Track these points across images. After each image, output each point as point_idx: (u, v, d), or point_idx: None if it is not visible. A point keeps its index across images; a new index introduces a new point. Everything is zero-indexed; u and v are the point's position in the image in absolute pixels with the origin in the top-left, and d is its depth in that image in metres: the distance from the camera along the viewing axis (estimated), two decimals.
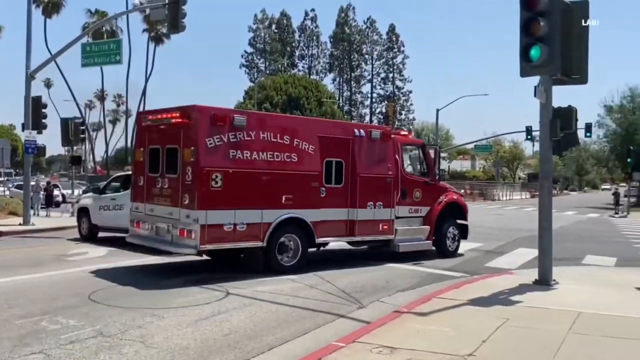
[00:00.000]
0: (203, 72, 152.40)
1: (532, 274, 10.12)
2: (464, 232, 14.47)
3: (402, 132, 15.31)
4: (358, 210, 12.13)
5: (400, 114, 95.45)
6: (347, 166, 12.08)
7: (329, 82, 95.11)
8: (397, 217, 12.98)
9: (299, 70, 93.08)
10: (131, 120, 73.94)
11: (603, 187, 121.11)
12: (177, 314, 7.76)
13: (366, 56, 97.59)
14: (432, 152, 14.51)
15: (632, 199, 50.06)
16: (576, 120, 10.41)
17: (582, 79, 9.82)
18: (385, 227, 12.68)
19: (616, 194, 43.28)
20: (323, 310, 8.13)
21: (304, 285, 9.92)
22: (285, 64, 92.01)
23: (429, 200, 13.87)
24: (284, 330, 7.13)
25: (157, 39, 68.03)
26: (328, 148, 11.78)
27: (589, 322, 7.26)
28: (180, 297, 8.83)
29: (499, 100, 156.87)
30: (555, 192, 78.83)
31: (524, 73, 9.36)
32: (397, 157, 13.16)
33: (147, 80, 69.37)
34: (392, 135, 13.22)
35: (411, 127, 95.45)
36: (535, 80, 9.90)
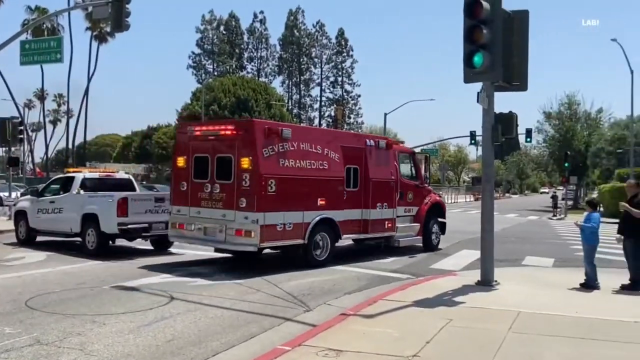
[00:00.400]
0: (149, 72, 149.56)
1: (475, 275, 10.37)
2: (443, 229, 16.65)
3: (396, 142, 17.02)
4: (370, 210, 13.73)
5: (349, 117, 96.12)
6: (361, 172, 13.66)
7: (278, 84, 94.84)
8: (397, 216, 14.60)
9: (247, 72, 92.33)
10: (72, 121, 71.87)
11: (542, 190, 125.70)
12: (118, 320, 7.55)
13: (315, 60, 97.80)
14: (419, 159, 16.72)
15: (569, 202, 52.10)
16: (517, 125, 10.71)
17: (522, 86, 10.14)
18: (389, 225, 14.35)
19: (554, 197, 44.91)
20: (269, 314, 8.08)
21: (250, 289, 9.84)
22: (234, 66, 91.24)
23: (418, 201, 15.75)
24: (229, 335, 7.04)
25: (101, 38, 66.31)
26: (348, 156, 13.33)
27: (528, 322, 7.49)
28: (122, 302, 8.60)
29: (444, 105, 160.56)
30: (497, 195, 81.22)
31: (468, 79, 9.60)
32: (395, 163, 14.90)
33: (89, 80, 67.55)
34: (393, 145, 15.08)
35: (360, 130, 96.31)
36: (478, 86, 10.16)
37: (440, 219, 16.45)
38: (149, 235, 14.11)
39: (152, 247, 14.79)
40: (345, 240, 14.09)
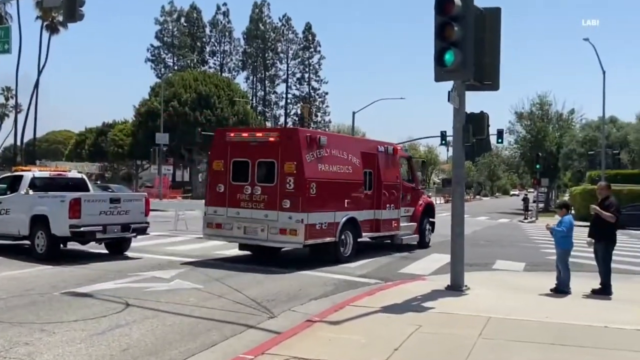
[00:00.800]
0: (104, 65, 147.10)
1: (445, 280, 10.50)
2: (432, 228, 18.88)
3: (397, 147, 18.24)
4: (382, 211, 15.48)
5: (316, 115, 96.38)
6: (374, 176, 15.42)
7: (241, 80, 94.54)
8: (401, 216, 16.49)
9: (209, 67, 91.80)
10: (21, 116, 70.11)
11: (512, 192, 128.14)
12: (69, 328, 7.40)
13: (281, 55, 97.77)
14: (415, 163, 18.88)
15: (540, 205, 53.19)
16: (488, 126, 10.89)
17: (494, 86, 10.32)
18: (395, 224, 16.21)
19: (525, 200, 45.77)
20: (231, 321, 8.03)
21: (211, 295, 9.77)
22: (195, 60, 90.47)
23: (414, 202, 17.68)
24: (189, 343, 6.97)
25: (52, 28, 65.01)
26: (365, 161, 15.02)
27: (498, 327, 7.62)
28: (73, 309, 8.43)
29: (415, 104, 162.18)
30: (468, 197, 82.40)
31: (438, 77, 9.70)
32: (399, 167, 16.85)
33: (40, 72, 66.16)
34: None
35: (327, 129, 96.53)
36: (449, 85, 10.31)
37: (430, 219, 18.55)
38: (104, 238, 13.88)
39: (106, 251, 14.55)
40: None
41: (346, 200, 14.11)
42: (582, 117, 61.31)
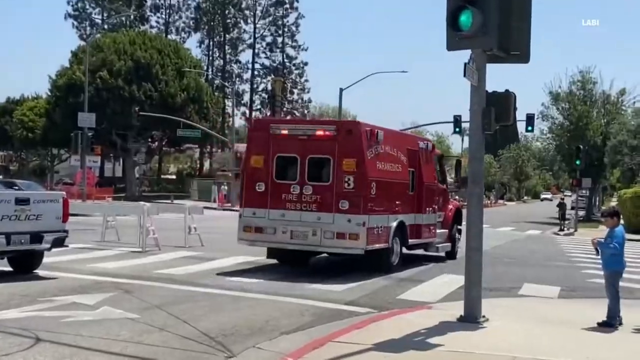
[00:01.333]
0: (10, 22, 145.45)
1: (457, 309, 10.58)
2: (460, 236, 19.93)
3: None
4: (423, 215, 17.59)
5: (292, 92, 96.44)
6: (416, 175, 17.45)
7: (193, 45, 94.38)
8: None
9: (151, 27, 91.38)
10: None
11: (543, 196, 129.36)
12: None
13: (246, 12, 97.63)
14: (442, 162, 20.90)
15: (581, 212, 53.63)
16: (515, 109, 10.95)
17: (523, 57, 10.38)
18: (433, 230, 18.30)
19: (562, 205, 46.08)
20: None
21: (150, 327, 9.71)
22: (132, 17, 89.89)
23: (444, 206, 19.81)
24: None
25: None
26: (409, 159, 17.07)
27: None
28: None
29: (420, 81, 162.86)
30: (488, 202, 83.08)
31: (452, 45, 9.75)
32: (435, 167, 19.07)
33: None
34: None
35: (306, 111, 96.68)
36: (465, 55, 10.32)
37: (459, 226, 20.22)
38: (7, 251, 13.75)
39: (10, 268, 14.43)
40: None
41: (397, 202, 16.17)
42: (636, 100, 61.91)
